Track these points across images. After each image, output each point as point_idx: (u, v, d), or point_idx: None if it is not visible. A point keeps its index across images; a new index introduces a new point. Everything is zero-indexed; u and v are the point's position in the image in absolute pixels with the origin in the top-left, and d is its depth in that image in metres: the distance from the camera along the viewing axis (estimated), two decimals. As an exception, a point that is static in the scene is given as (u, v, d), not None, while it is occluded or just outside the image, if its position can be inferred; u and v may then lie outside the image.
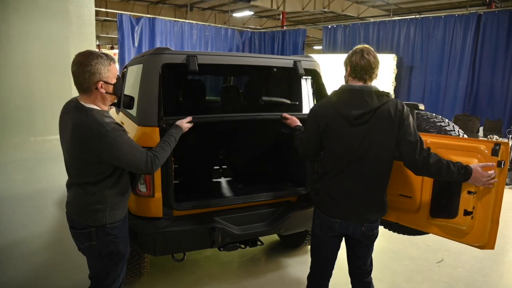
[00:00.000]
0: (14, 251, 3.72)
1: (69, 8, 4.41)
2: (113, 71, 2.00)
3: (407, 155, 2.14)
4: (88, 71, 1.89)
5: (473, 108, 8.89)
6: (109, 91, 2.00)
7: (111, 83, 1.99)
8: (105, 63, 1.94)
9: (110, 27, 19.46)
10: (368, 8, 15.72)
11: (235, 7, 16.78)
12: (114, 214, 2.06)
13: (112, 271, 2.14)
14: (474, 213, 2.21)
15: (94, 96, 1.97)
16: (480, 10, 9.21)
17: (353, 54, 2.23)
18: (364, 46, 2.24)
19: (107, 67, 1.95)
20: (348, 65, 2.26)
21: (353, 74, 2.23)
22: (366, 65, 2.19)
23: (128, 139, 1.98)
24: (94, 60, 1.91)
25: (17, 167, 3.38)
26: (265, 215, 3.03)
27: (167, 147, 2.21)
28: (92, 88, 1.94)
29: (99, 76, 1.92)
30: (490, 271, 3.77)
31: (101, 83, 1.94)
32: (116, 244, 2.09)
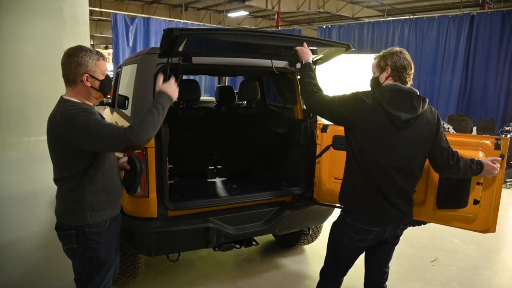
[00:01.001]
0: (7, 252, 3.69)
1: (63, 8, 4.38)
2: (101, 67, 1.96)
3: (441, 161, 2.22)
4: (75, 61, 1.89)
5: (467, 108, 8.94)
6: (94, 86, 1.95)
7: (97, 78, 1.94)
8: (94, 57, 1.92)
9: (105, 27, 19.38)
10: (363, 8, 15.78)
11: (230, 7, 16.77)
12: (95, 216, 1.97)
13: (93, 277, 2.05)
14: (481, 202, 2.40)
15: (79, 89, 1.94)
16: (473, 11, 9.27)
17: (392, 55, 2.16)
18: (400, 48, 2.22)
19: (95, 61, 1.93)
20: (387, 65, 2.16)
21: (395, 76, 2.15)
22: (408, 66, 2.16)
23: (95, 119, 1.85)
24: (82, 52, 1.91)
25: (10, 167, 3.35)
26: (260, 215, 3.03)
27: (148, 116, 1.88)
28: (78, 80, 1.91)
29: (85, 68, 1.90)
30: (483, 270, 3.80)
31: (86, 76, 1.91)
32: (97, 251, 1.99)
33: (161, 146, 2.64)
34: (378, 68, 2.24)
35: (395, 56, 2.17)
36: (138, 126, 1.83)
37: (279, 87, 3.62)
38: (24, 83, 4.30)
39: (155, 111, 1.90)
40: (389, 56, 2.18)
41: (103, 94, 2.02)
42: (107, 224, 2.04)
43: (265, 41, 2.65)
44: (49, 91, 4.40)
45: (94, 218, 1.97)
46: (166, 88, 2.01)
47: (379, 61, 2.22)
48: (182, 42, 2.47)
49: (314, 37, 3.21)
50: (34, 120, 4.13)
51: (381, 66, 2.21)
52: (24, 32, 4.17)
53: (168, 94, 2.00)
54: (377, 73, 2.25)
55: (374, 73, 2.29)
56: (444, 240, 4.45)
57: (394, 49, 2.21)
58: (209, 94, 9.23)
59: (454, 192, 2.49)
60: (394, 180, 2.12)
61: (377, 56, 2.27)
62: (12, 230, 3.82)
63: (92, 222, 1.96)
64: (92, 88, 1.95)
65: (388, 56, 2.18)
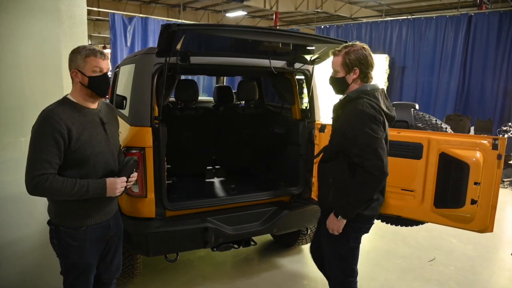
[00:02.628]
0: (5, 252, 3.67)
1: (60, 7, 4.36)
2: (90, 63, 1.90)
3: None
4: (70, 58, 1.94)
5: (464, 108, 8.96)
6: (83, 83, 1.92)
7: (85, 74, 1.90)
8: (83, 53, 1.90)
9: (102, 27, 19.31)
10: (361, 8, 15.79)
11: (228, 7, 16.76)
12: (69, 219, 1.96)
13: (67, 276, 2.04)
14: (479, 202, 2.39)
15: (75, 85, 1.96)
16: (471, 11, 9.29)
17: (357, 52, 2.08)
18: (361, 44, 2.14)
19: (83, 57, 1.90)
20: (355, 66, 2.09)
21: (364, 76, 2.12)
22: (373, 63, 2.15)
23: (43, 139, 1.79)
24: (77, 48, 1.93)
25: (7, 168, 3.33)
26: (258, 215, 3.03)
27: (66, 184, 1.82)
28: (72, 76, 1.94)
29: (74, 65, 1.92)
30: (481, 269, 3.81)
31: (74, 71, 1.92)
32: (68, 252, 1.98)
33: (159, 146, 2.64)
34: (344, 68, 2.12)
35: (361, 54, 2.08)
36: (50, 189, 1.79)
37: (277, 87, 3.62)
38: (22, 83, 4.28)
39: (76, 187, 1.83)
40: (355, 55, 2.08)
41: (95, 92, 1.94)
42: (84, 229, 1.99)
43: (263, 38, 2.64)
44: (46, 91, 4.39)
45: (67, 220, 1.97)
46: (110, 183, 1.94)
47: (344, 59, 2.10)
48: (180, 39, 2.46)
49: (311, 33, 3.20)
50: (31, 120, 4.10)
51: (347, 65, 2.10)
52: (21, 32, 4.15)
53: (106, 189, 1.93)
54: (342, 73, 2.14)
55: (337, 72, 2.17)
56: (442, 239, 4.45)
57: (357, 45, 2.12)
58: (207, 94, 9.22)
59: (452, 191, 2.49)
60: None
61: (339, 52, 2.12)
62: (10, 230, 3.81)
63: (65, 224, 1.95)
64: (81, 85, 1.92)
65: (353, 53, 2.08)
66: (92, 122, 1.98)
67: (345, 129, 2.11)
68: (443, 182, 2.51)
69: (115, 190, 1.96)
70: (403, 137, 2.71)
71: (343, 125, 2.16)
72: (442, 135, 2.62)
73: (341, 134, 2.15)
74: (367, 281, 3.51)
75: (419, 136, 2.65)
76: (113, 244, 2.21)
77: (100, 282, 2.27)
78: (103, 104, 2.12)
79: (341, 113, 2.21)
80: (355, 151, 2.06)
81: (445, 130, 2.82)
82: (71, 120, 1.88)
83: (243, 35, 2.54)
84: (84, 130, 1.92)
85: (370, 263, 3.89)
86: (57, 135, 1.81)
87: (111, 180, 1.96)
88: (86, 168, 1.94)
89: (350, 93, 2.17)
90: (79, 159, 1.91)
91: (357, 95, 2.12)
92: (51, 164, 1.81)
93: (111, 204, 2.13)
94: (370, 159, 2.00)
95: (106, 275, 2.26)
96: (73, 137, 1.86)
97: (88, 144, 1.93)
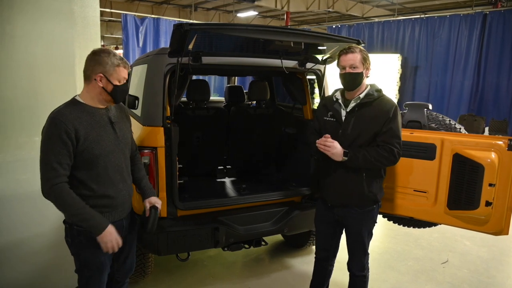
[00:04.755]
0: (16, 251, 3.73)
1: (74, 9, 4.41)
2: (119, 73, 1.96)
3: None
4: (95, 59, 1.93)
5: (479, 108, 8.81)
6: (106, 89, 1.94)
7: (112, 82, 1.94)
8: (115, 61, 1.94)
9: (115, 28, 19.52)
10: (373, 8, 15.66)
11: (239, 7, 16.78)
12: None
13: (82, 274, 2.06)
14: (493, 203, 2.36)
15: (91, 86, 1.95)
16: (486, 10, 9.14)
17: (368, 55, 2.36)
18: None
19: (114, 66, 1.94)
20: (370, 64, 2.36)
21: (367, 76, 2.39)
22: None
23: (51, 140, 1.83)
24: (106, 53, 1.94)
25: (21, 166, 3.39)
26: (269, 215, 3.02)
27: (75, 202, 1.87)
28: (92, 77, 1.93)
29: (102, 68, 1.92)
30: (496, 273, 3.75)
31: (100, 76, 1.92)
32: (81, 251, 2.01)
33: (170, 146, 2.65)
34: (362, 63, 2.32)
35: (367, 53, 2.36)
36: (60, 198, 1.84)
37: (289, 87, 3.61)
38: (36, 83, 4.35)
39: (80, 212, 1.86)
40: (366, 53, 2.34)
41: (114, 99, 2.00)
42: None
43: (274, 37, 2.64)
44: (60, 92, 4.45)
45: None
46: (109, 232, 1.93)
47: (362, 55, 2.32)
48: (192, 39, 2.47)
49: (323, 32, 3.21)
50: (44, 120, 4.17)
51: (366, 61, 2.33)
52: (34, 33, 4.21)
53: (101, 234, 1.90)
54: (361, 68, 2.32)
55: (355, 67, 2.32)
56: (455, 241, 4.39)
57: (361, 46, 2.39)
58: (219, 94, 9.25)
59: (466, 193, 2.46)
60: None
61: (354, 49, 2.33)
62: (25, 228, 3.87)
63: (78, 222, 1.95)
64: (103, 90, 1.95)
65: (365, 52, 2.34)
66: (100, 122, 1.99)
67: (387, 118, 2.29)
68: (457, 183, 2.49)
69: (106, 242, 1.93)
70: (416, 137, 2.68)
71: (381, 119, 2.30)
72: (456, 135, 2.59)
73: (380, 125, 2.30)
74: (378, 282, 3.48)
75: (432, 136, 2.62)
76: (126, 243, 2.21)
77: (114, 281, 2.29)
78: None
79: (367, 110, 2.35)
80: (386, 139, 2.29)
81: (459, 130, 2.78)
82: (78, 120, 1.89)
83: (255, 34, 2.54)
84: (91, 130, 1.93)
85: (381, 264, 3.85)
86: (64, 136, 1.83)
87: (112, 231, 1.94)
88: (97, 168, 1.95)
89: (370, 92, 2.37)
90: (89, 160, 1.93)
91: (378, 94, 2.37)
92: (61, 165, 1.84)
93: (125, 205, 2.14)
94: (397, 147, 2.30)
95: (120, 274, 2.28)
96: (80, 137, 1.88)
97: (96, 143, 1.94)
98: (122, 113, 2.18)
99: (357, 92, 2.37)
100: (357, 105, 2.36)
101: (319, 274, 2.77)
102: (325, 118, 2.48)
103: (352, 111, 2.37)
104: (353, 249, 2.55)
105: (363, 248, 2.51)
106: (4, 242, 3.66)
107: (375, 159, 2.28)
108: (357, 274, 2.56)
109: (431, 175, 2.59)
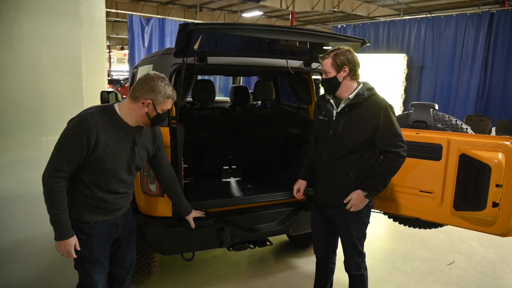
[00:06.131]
0: (25, 249, 3.76)
1: (80, 10, 4.45)
2: (166, 104, 2.03)
3: None
4: (151, 85, 1.98)
5: (486, 108, 8.76)
6: (150, 115, 2.00)
7: (157, 110, 2.00)
8: (167, 93, 2.00)
9: (121, 28, 19.64)
10: (378, 7, 15.61)
11: (245, 7, 16.80)
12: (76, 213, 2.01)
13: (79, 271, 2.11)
14: (500, 204, 2.34)
15: (136, 107, 2.00)
16: (493, 9, 9.08)
17: (345, 53, 2.27)
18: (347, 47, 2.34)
19: (165, 97, 2.00)
20: (344, 64, 2.26)
21: (353, 74, 2.31)
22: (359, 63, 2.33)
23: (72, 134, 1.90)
24: (161, 82, 1.99)
25: (28, 166, 3.42)
26: (275, 215, 3.02)
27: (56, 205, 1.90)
28: (140, 100, 1.99)
29: (153, 96, 1.98)
30: (503, 274, 3.72)
31: (149, 102, 1.98)
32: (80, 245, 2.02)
33: (176, 145, 2.66)
34: (334, 68, 2.29)
35: (348, 54, 2.28)
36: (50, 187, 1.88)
37: (294, 87, 3.60)
38: (42, 83, 4.39)
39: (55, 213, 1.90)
40: (343, 55, 2.27)
41: (152, 125, 2.07)
42: (91, 225, 2.05)
43: (280, 36, 2.63)
44: (66, 91, 4.49)
45: (76, 214, 2.01)
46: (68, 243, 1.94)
47: (334, 60, 2.28)
48: (198, 38, 2.47)
49: (329, 32, 3.21)
50: (51, 120, 4.20)
51: (337, 65, 2.28)
52: (42, 34, 4.25)
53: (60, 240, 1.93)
54: (333, 72, 2.30)
55: (328, 73, 2.32)
56: (462, 243, 4.36)
57: (343, 48, 2.31)
58: (224, 94, 9.26)
59: (472, 194, 2.45)
60: None
61: (327, 55, 2.32)
62: (31, 227, 3.90)
63: (74, 217, 2.00)
64: (146, 114, 2.00)
65: (341, 55, 2.27)
66: (124, 139, 2.03)
67: (377, 123, 2.26)
68: (463, 184, 2.47)
69: (60, 250, 1.96)
70: (422, 137, 2.67)
71: (371, 121, 2.28)
72: (462, 136, 2.57)
73: (369, 129, 2.29)
74: (384, 283, 3.47)
75: (438, 137, 2.60)
76: (123, 240, 2.24)
77: (115, 279, 2.30)
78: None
79: (358, 111, 2.32)
80: (390, 141, 2.27)
81: (466, 130, 2.76)
82: (104, 130, 1.93)
83: (260, 34, 2.54)
84: (112, 142, 1.97)
85: (387, 265, 3.84)
86: (84, 139, 1.87)
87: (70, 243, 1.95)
88: (100, 179, 2.01)
89: (360, 91, 2.32)
90: (97, 169, 1.97)
91: (369, 93, 2.32)
92: (69, 163, 1.89)
93: (121, 205, 2.17)
94: (402, 146, 2.27)
95: (119, 271, 2.29)
96: (99, 147, 1.92)
97: (110, 157, 1.97)
98: (151, 135, 2.21)
99: (346, 93, 2.34)
100: (347, 105, 2.35)
101: (320, 273, 2.77)
102: (320, 117, 2.50)
103: (342, 111, 2.36)
104: (345, 248, 2.53)
105: (355, 248, 2.48)
106: (7, 242, 3.69)
107: (388, 172, 2.30)
108: (353, 273, 2.54)
109: (437, 175, 2.58)
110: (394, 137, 2.27)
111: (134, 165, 2.12)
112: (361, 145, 2.32)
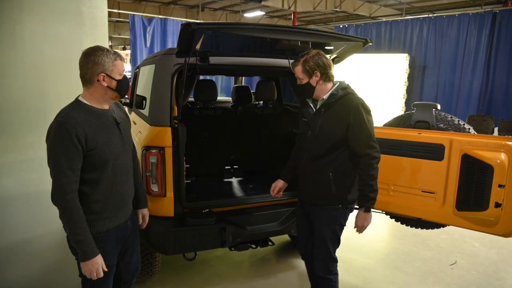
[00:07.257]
0: (27, 249, 3.77)
1: (82, 10, 4.46)
2: (118, 67, 1.93)
3: None
4: (92, 60, 1.87)
5: (488, 108, 8.72)
6: (111, 86, 1.92)
7: (114, 78, 1.92)
8: (111, 56, 1.90)
9: (123, 28, 19.65)
10: (380, 7, 15.59)
11: (246, 7, 16.80)
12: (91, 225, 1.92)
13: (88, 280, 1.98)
14: (503, 205, 2.33)
15: (94, 88, 1.92)
16: (495, 8, 9.04)
17: (314, 58, 2.28)
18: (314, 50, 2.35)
19: (112, 61, 1.90)
20: (315, 69, 2.28)
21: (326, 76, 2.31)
22: (331, 63, 2.33)
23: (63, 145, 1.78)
24: (99, 51, 1.89)
25: (31, 166, 3.43)
26: (276, 215, 3.02)
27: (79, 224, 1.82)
28: (94, 79, 1.89)
29: (101, 68, 1.88)
30: (505, 275, 3.71)
31: (103, 75, 1.89)
32: None
33: (178, 145, 2.66)
34: (305, 74, 2.31)
35: (317, 58, 2.29)
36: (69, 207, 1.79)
37: (296, 87, 3.60)
38: (44, 83, 4.39)
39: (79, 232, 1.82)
40: (312, 60, 2.28)
41: (119, 94, 1.99)
42: (105, 233, 1.99)
43: (282, 36, 2.63)
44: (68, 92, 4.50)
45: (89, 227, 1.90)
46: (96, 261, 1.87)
47: (304, 66, 2.30)
48: (200, 38, 2.47)
49: (331, 31, 3.20)
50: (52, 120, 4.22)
51: (308, 71, 2.30)
52: (44, 34, 4.26)
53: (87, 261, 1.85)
54: (305, 79, 2.32)
55: (301, 79, 2.35)
56: (464, 243, 4.35)
57: (312, 51, 2.32)
58: (226, 94, 9.26)
59: (475, 194, 2.44)
60: None
61: (297, 62, 2.33)
62: (33, 227, 3.91)
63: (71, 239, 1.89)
64: (108, 88, 1.93)
65: (310, 60, 2.29)
66: (107, 124, 1.97)
67: (349, 122, 2.26)
68: (466, 184, 2.47)
69: (89, 271, 1.87)
70: (424, 138, 2.67)
71: (343, 120, 2.28)
72: (464, 136, 2.57)
73: (341, 128, 2.28)
74: (385, 284, 3.46)
75: (440, 137, 2.60)
76: (130, 243, 2.22)
77: (121, 282, 2.29)
78: (113, 103, 2.10)
79: (332, 111, 2.33)
80: (359, 142, 2.26)
81: (468, 131, 2.75)
82: (87, 123, 1.87)
83: (262, 33, 2.54)
84: (100, 133, 1.91)
85: (389, 265, 3.83)
86: (75, 141, 1.80)
87: (98, 261, 1.89)
88: (107, 172, 1.94)
89: (334, 91, 2.33)
90: (99, 163, 1.91)
91: (343, 92, 2.32)
92: (73, 171, 1.81)
93: (128, 205, 2.15)
94: (373, 146, 2.26)
95: (126, 274, 2.28)
96: (90, 141, 1.86)
97: (106, 146, 1.93)
98: (122, 112, 2.17)
99: (321, 94, 2.36)
100: (322, 106, 2.36)
101: (308, 271, 2.77)
102: (302, 119, 2.52)
103: (318, 112, 2.37)
104: (316, 248, 2.50)
105: (326, 250, 2.45)
106: (8, 242, 3.69)
107: (370, 178, 2.27)
108: (321, 275, 2.50)
109: (440, 175, 2.58)
110: (364, 137, 2.25)
111: (127, 145, 2.08)
112: (338, 144, 2.31)
